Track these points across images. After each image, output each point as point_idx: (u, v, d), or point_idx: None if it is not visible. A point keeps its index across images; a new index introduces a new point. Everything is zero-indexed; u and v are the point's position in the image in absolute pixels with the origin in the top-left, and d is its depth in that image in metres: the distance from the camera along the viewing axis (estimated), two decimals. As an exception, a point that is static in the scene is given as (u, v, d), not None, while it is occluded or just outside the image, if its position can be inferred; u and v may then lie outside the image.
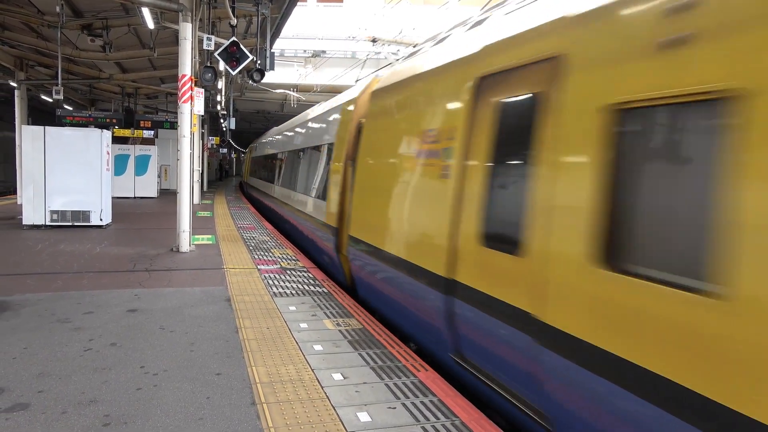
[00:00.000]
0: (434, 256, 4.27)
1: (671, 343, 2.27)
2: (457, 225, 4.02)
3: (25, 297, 5.88)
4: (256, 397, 3.55)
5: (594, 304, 2.67)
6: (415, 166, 4.86)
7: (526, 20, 3.71)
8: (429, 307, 4.40)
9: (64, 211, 11.19)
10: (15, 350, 4.29)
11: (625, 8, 2.73)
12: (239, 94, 26.29)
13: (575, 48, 3.06)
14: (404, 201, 5.00)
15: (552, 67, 3.24)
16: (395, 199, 5.20)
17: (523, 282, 3.22)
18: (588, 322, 2.69)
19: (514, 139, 3.57)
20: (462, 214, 3.99)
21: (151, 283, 6.75)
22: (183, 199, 9.18)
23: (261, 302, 5.95)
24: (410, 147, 5.02)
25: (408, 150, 5.06)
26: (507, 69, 3.72)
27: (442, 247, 4.15)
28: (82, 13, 13.01)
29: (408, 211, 4.92)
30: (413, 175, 4.89)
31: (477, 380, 3.85)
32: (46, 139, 10.95)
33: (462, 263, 3.91)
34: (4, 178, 30.26)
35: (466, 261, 3.86)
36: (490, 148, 3.80)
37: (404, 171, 5.10)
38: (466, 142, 4.07)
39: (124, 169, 20.04)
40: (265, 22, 12.11)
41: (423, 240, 4.53)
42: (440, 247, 4.18)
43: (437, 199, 4.33)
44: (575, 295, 2.79)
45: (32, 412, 3.25)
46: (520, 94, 3.57)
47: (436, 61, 4.92)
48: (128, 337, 4.70)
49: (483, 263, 3.66)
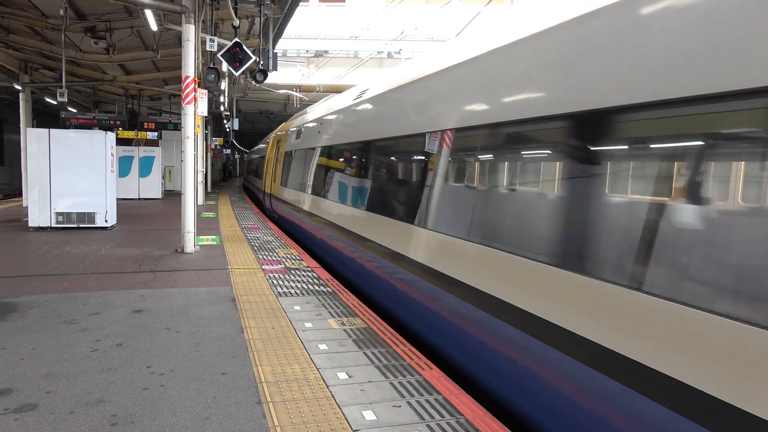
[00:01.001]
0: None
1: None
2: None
3: (31, 298, 5.93)
4: (261, 396, 3.57)
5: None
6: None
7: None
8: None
9: (69, 213, 11.25)
10: (23, 351, 4.32)
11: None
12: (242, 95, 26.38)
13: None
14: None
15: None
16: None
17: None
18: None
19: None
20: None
21: (156, 284, 6.78)
22: (187, 199, 9.22)
23: (266, 302, 5.98)
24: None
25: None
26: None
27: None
28: (86, 16, 13.07)
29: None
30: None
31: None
32: (51, 141, 11.01)
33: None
34: (10, 180, 30.42)
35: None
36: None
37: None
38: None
39: (128, 170, 20.12)
40: (268, 23, 12.14)
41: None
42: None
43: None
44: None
45: (40, 413, 3.28)
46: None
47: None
48: (134, 337, 4.72)
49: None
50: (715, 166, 2.40)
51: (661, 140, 2.64)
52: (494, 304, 3.68)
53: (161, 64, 18.19)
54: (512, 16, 4.32)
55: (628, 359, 2.60)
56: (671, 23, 2.58)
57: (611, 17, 2.98)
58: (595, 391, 2.79)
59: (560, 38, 3.38)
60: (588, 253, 2.93)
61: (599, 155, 2.98)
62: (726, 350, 2.18)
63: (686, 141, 2.50)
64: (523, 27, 3.89)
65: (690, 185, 2.49)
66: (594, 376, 2.79)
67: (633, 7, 2.85)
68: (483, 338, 3.84)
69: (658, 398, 2.44)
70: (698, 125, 2.42)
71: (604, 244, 2.85)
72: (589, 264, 2.91)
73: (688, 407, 2.30)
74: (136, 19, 12.92)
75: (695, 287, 2.35)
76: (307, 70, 25.57)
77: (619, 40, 2.89)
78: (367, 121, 7.24)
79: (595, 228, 2.92)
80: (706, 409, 2.23)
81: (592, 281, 2.85)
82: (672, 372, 2.37)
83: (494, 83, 4.06)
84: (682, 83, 2.47)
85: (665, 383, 2.41)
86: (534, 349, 3.27)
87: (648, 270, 2.58)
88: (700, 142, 2.43)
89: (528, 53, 3.68)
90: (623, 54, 2.83)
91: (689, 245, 2.44)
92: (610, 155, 2.92)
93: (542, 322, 3.19)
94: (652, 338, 2.49)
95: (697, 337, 2.28)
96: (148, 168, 20.59)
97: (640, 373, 2.53)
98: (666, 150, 2.62)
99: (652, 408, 2.46)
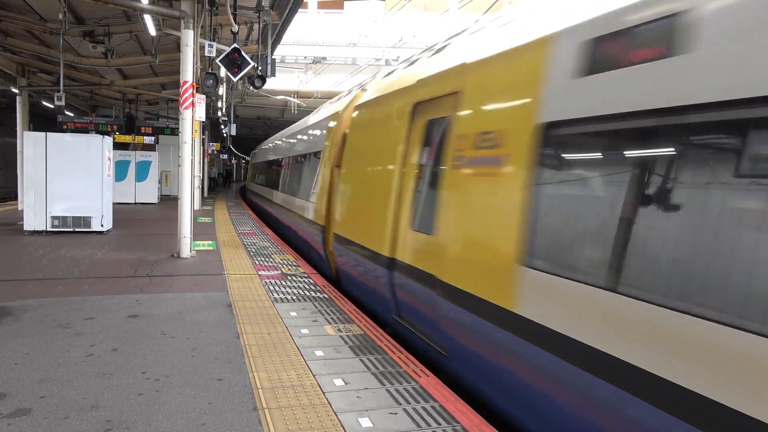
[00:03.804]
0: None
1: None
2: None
3: (26, 302, 5.89)
4: (257, 403, 3.55)
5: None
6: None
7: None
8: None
9: (65, 217, 11.22)
10: (17, 355, 4.29)
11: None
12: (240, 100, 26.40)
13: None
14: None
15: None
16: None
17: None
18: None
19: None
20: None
21: (152, 289, 6.75)
22: (184, 204, 9.20)
23: (262, 308, 5.96)
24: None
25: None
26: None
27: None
28: (85, 20, 13.09)
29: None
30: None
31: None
32: (48, 145, 10.99)
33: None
34: (5, 184, 30.31)
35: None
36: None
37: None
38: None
39: (125, 174, 20.10)
40: (267, 29, 12.17)
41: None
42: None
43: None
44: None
45: (34, 418, 3.25)
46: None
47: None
48: (129, 342, 4.70)
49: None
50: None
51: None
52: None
53: (159, 69, 18.21)
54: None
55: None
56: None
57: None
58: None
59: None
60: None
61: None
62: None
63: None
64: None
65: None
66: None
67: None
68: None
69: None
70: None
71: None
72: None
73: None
74: (134, 24, 12.95)
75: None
76: (305, 76, 25.62)
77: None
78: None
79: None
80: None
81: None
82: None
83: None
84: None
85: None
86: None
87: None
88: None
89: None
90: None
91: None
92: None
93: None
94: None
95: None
96: (145, 172, 20.57)
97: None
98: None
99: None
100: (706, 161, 2.43)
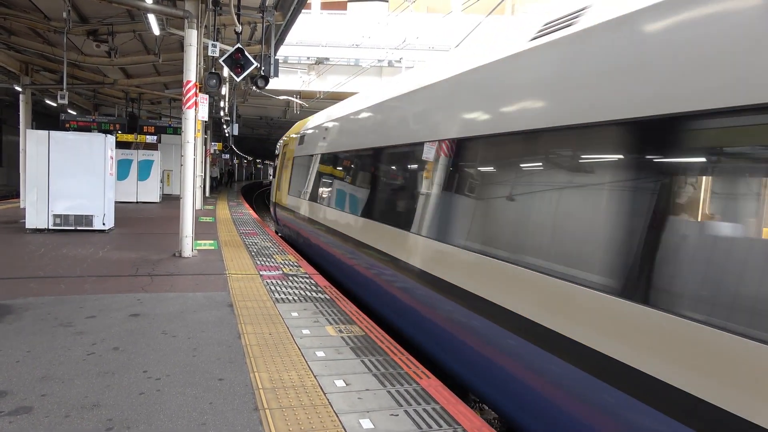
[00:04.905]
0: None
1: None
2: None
3: (27, 301, 5.90)
4: (258, 403, 3.55)
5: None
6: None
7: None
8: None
9: (67, 215, 11.22)
10: (18, 354, 4.29)
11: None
12: (242, 100, 26.40)
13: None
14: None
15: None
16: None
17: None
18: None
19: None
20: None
21: (153, 288, 6.75)
22: (186, 204, 9.20)
23: (263, 308, 5.96)
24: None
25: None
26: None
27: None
28: (88, 19, 13.10)
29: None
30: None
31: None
32: (51, 143, 10.99)
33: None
34: (8, 182, 30.37)
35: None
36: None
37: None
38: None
39: (127, 173, 20.09)
40: (270, 29, 12.19)
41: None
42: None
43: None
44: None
45: (35, 416, 3.25)
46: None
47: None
48: (131, 341, 4.70)
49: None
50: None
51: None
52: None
53: (162, 68, 18.23)
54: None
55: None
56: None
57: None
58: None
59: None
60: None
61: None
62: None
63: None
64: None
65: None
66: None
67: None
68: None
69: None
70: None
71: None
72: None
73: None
74: (138, 23, 12.96)
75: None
76: (308, 77, 25.65)
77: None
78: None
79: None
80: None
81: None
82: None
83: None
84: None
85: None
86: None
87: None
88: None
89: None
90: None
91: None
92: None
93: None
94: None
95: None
96: (147, 171, 20.56)
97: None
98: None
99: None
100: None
